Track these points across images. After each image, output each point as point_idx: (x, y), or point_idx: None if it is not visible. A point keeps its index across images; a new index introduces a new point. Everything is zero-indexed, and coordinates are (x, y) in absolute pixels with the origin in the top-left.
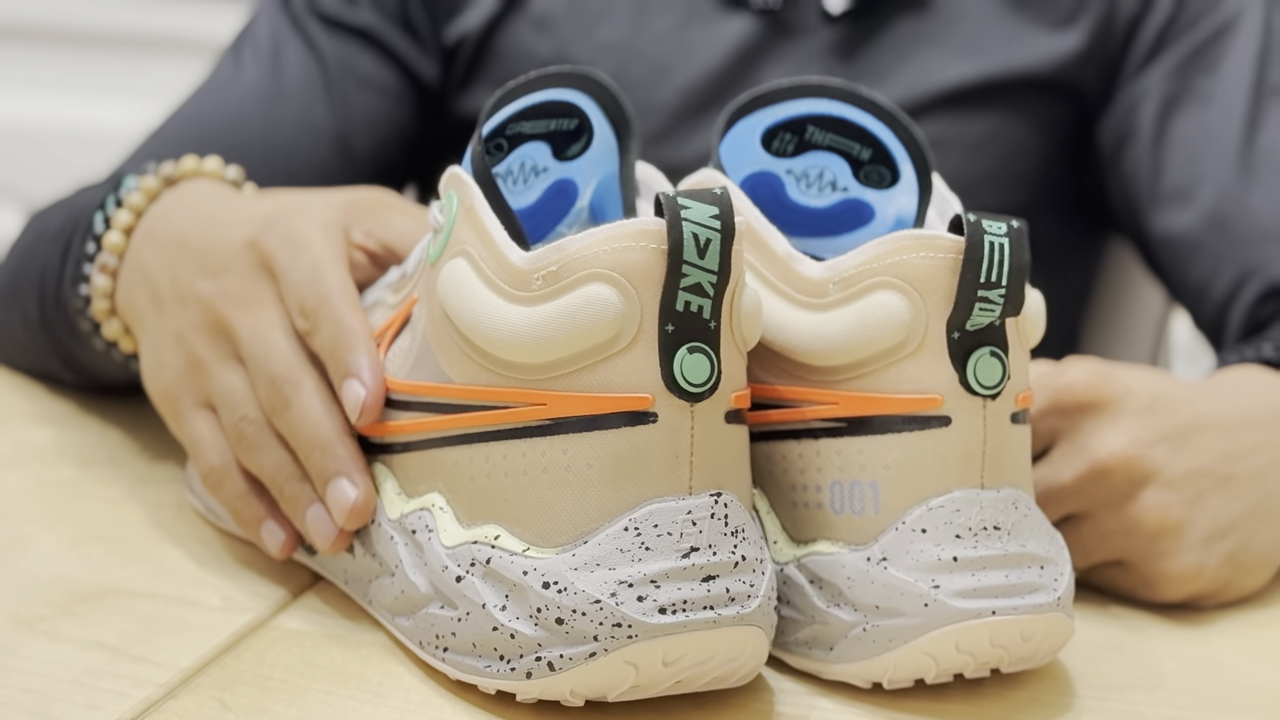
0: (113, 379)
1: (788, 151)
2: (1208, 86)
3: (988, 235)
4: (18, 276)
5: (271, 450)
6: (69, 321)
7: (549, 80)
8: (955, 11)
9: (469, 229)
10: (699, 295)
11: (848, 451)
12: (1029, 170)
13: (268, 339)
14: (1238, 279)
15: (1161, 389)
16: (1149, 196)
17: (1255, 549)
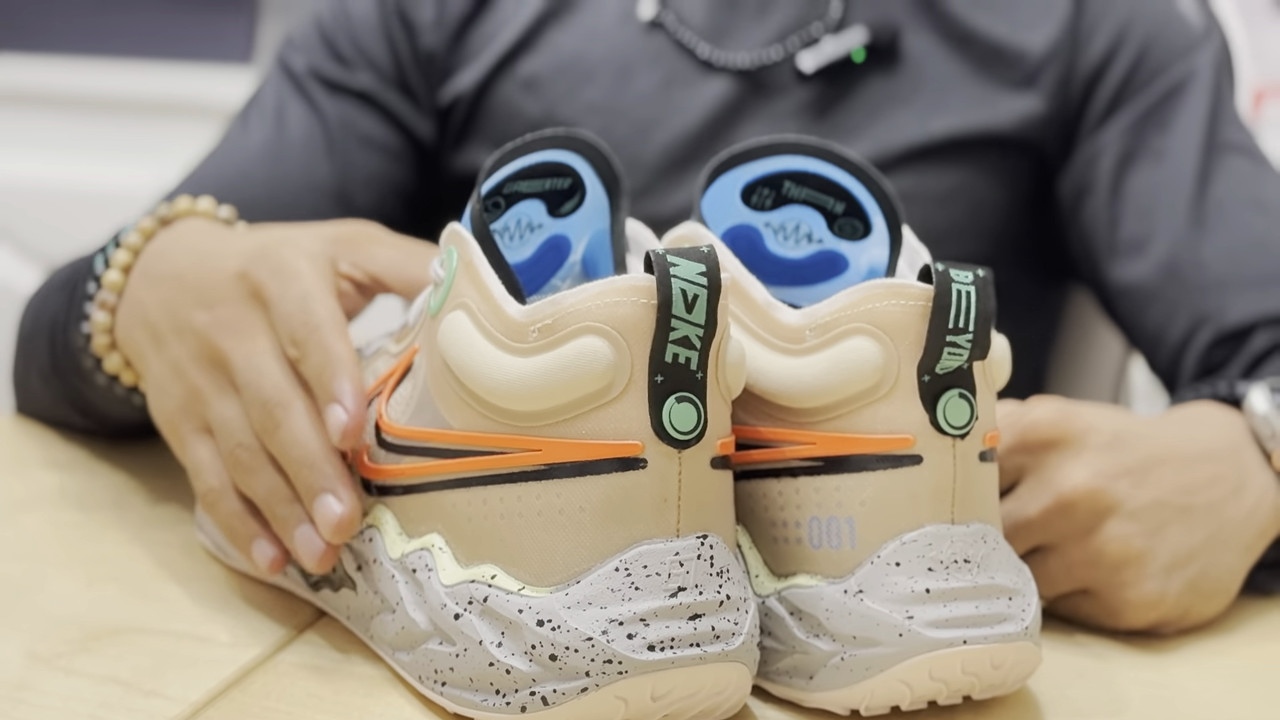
0: (120, 418)
1: (766, 205)
2: (1161, 143)
3: (955, 284)
4: (33, 328)
5: (264, 473)
6: (75, 361)
7: (544, 142)
8: (921, 73)
9: (468, 283)
10: (687, 348)
11: (825, 489)
12: (994, 223)
13: (260, 365)
14: (1191, 325)
15: (1122, 425)
16: (1106, 247)
17: (1213, 576)
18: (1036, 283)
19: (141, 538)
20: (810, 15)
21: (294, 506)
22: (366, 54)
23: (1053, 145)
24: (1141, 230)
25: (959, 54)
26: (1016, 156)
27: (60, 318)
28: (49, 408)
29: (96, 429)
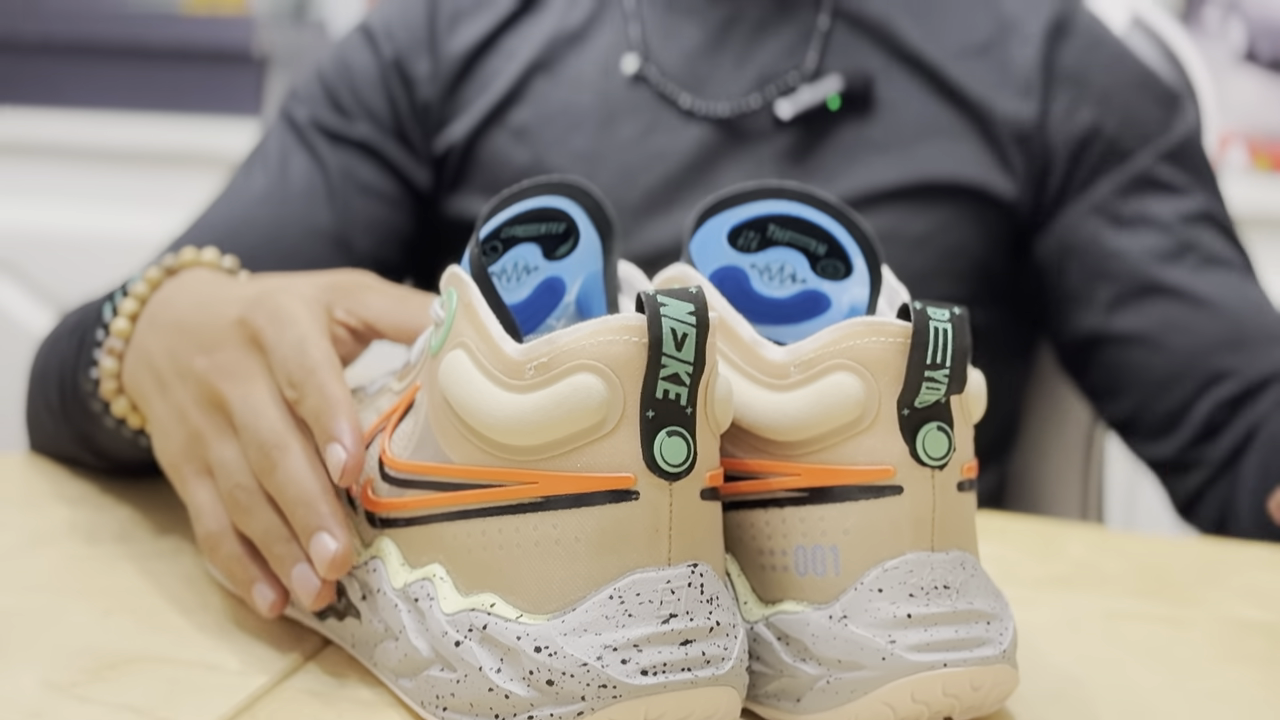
0: (128, 458)
1: (751, 248)
2: (1148, 208)
3: (932, 321)
4: (44, 370)
5: (262, 513)
6: (83, 404)
7: (539, 189)
8: (896, 119)
9: (467, 323)
10: (676, 384)
11: (810, 519)
12: (969, 266)
13: (257, 408)
14: (1203, 381)
15: None
16: (1095, 303)
17: None
18: (1011, 324)
19: (152, 569)
20: (787, 65)
21: (291, 545)
22: (366, 106)
23: (1027, 204)
24: (1135, 285)
25: (935, 102)
26: (990, 206)
27: (70, 362)
28: (60, 446)
29: (106, 467)
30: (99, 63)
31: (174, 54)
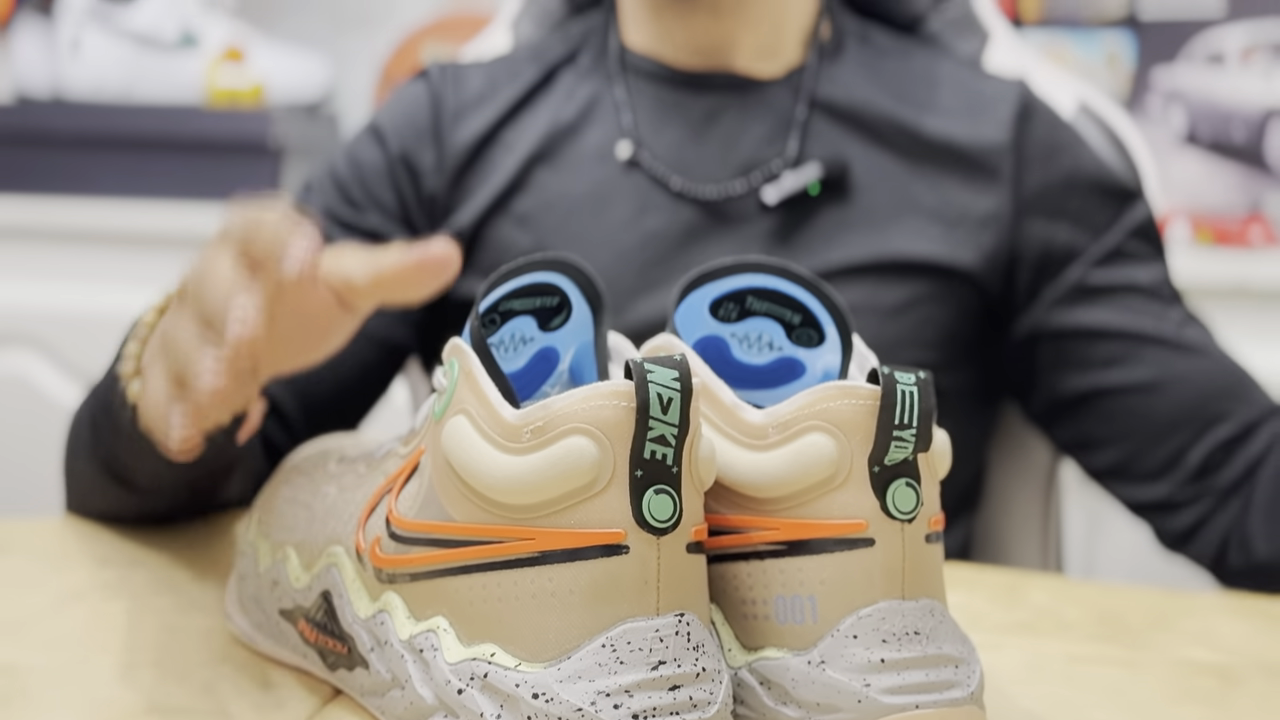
0: (152, 474)
1: (731, 318)
2: (1120, 280)
3: (899, 385)
4: (78, 416)
5: (187, 328)
6: (113, 417)
7: (535, 265)
8: (870, 202)
9: (468, 391)
10: (663, 445)
11: (789, 570)
12: (937, 335)
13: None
14: (1198, 428)
15: None
16: (1093, 364)
17: None
18: (976, 387)
19: (176, 625)
20: (771, 153)
21: (206, 344)
22: (375, 197)
23: (997, 283)
24: (1129, 340)
25: (908, 183)
26: (958, 282)
27: (101, 391)
28: (92, 489)
29: (131, 502)
30: (126, 154)
31: (196, 146)
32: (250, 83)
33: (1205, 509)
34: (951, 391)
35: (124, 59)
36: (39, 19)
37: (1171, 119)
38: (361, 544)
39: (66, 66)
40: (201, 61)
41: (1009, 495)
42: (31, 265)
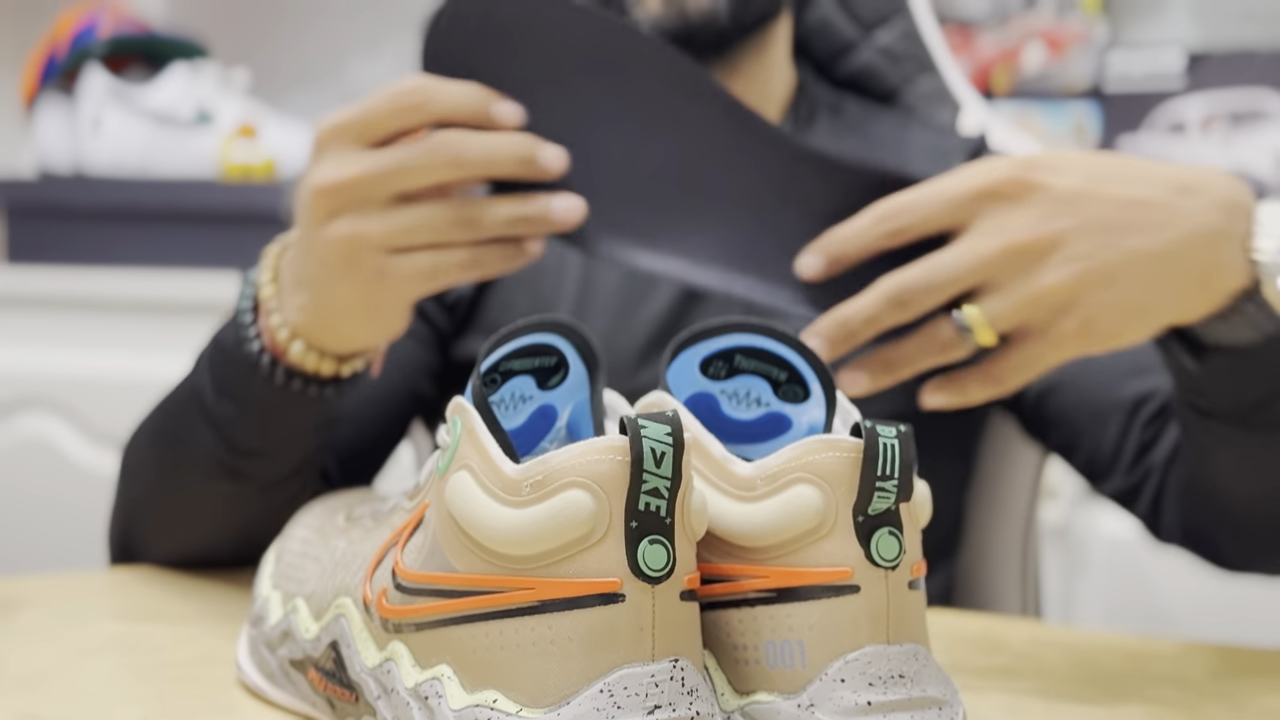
0: (300, 428)
1: (721, 376)
2: None
3: (881, 438)
4: (158, 425)
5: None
6: (246, 388)
7: (533, 327)
8: None
9: (470, 447)
10: (656, 497)
11: (778, 616)
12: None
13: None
14: (1129, 408)
15: (1082, 184)
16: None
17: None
18: (954, 431)
19: (190, 676)
20: None
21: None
22: None
23: None
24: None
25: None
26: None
27: (204, 381)
28: (194, 498)
29: (230, 513)
30: (144, 226)
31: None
32: (262, 158)
33: (1155, 485)
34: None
35: (142, 136)
36: (62, 98)
37: None
38: (369, 595)
39: (88, 143)
40: (216, 138)
41: (988, 543)
42: (54, 332)
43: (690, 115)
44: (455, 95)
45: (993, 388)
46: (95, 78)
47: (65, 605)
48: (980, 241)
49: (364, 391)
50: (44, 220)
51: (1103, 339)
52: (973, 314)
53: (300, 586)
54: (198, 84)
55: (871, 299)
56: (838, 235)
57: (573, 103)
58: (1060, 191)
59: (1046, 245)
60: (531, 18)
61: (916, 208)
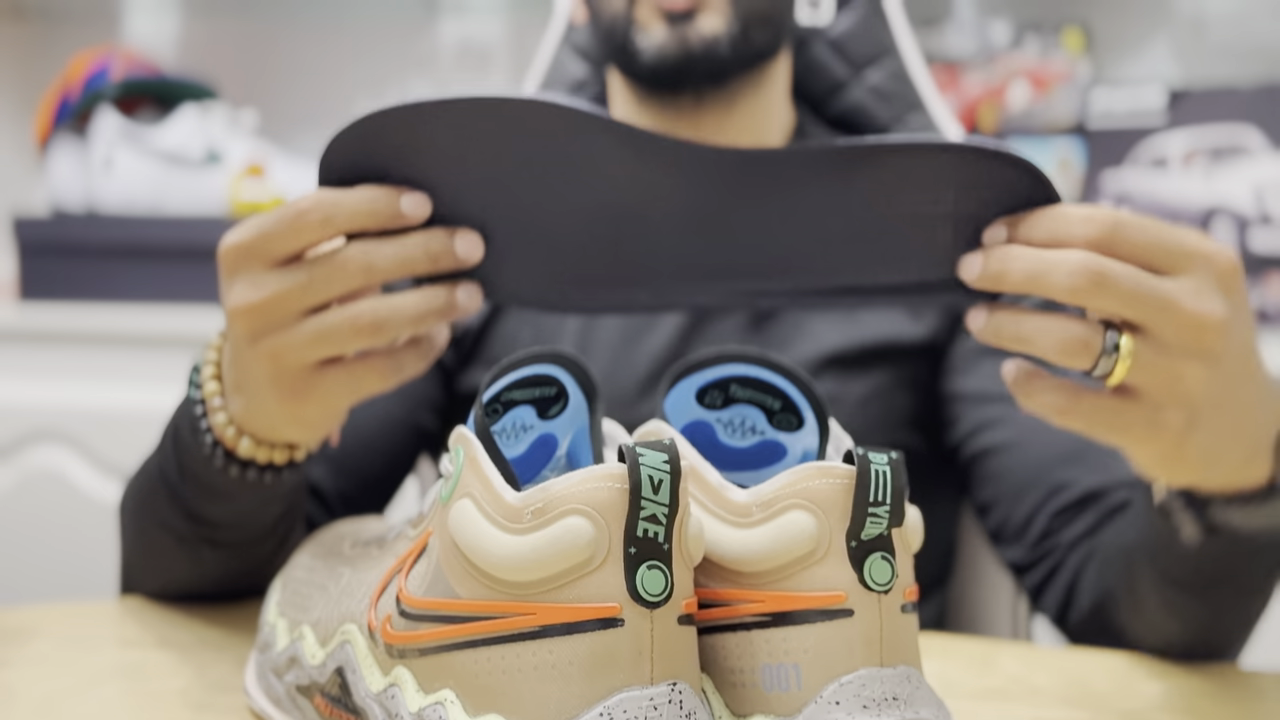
0: (260, 515)
1: (717, 405)
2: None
3: (873, 465)
4: (139, 494)
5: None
6: (203, 483)
7: (533, 358)
8: None
9: (473, 475)
10: (654, 524)
11: (774, 640)
12: (903, 419)
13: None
14: (1050, 489)
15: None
16: (969, 425)
17: (1231, 421)
18: (943, 462)
19: (199, 702)
20: None
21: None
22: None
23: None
24: (1001, 401)
25: None
26: (918, 362)
27: (169, 461)
28: (175, 560)
29: (218, 569)
30: (155, 263)
31: None
32: (270, 196)
33: (1048, 569)
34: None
35: (153, 175)
36: (74, 139)
37: None
38: (373, 621)
39: (99, 182)
40: (225, 177)
41: (980, 569)
42: (66, 366)
43: (608, 155)
44: (358, 204)
45: (1069, 414)
46: (107, 119)
47: (75, 633)
48: (1191, 292)
49: (370, 427)
50: (57, 257)
51: (1187, 452)
52: (1127, 344)
53: (306, 613)
54: (207, 125)
55: (1074, 262)
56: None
57: (486, 177)
58: (1244, 308)
59: (1218, 343)
60: (422, 116)
61: (1151, 231)
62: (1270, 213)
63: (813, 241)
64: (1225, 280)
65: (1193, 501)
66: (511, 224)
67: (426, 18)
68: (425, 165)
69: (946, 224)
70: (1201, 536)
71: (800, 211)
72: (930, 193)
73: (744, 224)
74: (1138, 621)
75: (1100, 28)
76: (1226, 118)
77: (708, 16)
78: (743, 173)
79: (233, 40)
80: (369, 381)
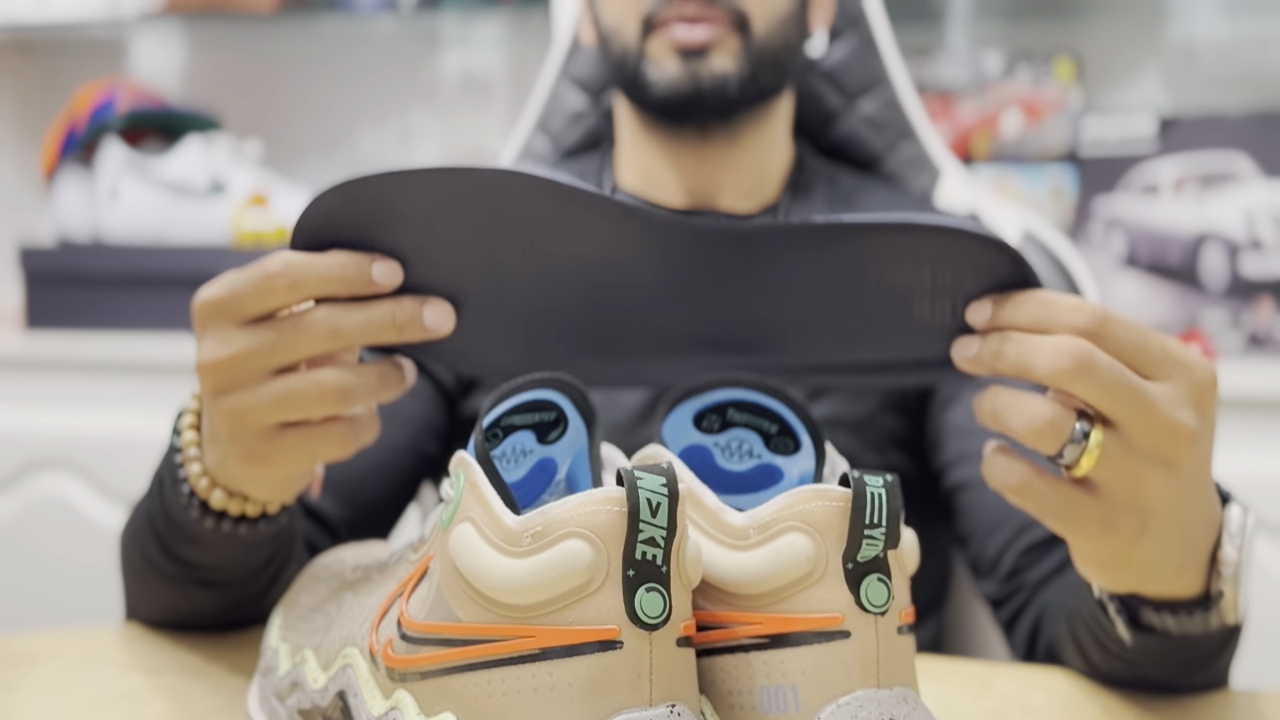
0: (235, 564)
1: (714, 429)
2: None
3: (869, 487)
4: (133, 533)
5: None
6: (183, 530)
7: (533, 383)
8: None
9: (473, 500)
10: (653, 546)
11: (772, 662)
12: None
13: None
14: (1018, 526)
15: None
16: (953, 455)
17: (1180, 532)
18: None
19: None
20: None
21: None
22: None
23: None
24: (975, 448)
25: None
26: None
27: (156, 504)
28: (165, 596)
29: (211, 609)
30: (160, 292)
31: None
32: (274, 225)
33: (1016, 606)
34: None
35: (158, 205)
36: (80, 170)
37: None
38: (375, 645)
39: (105, 212)
40: (229, 206)
41: (975, 594)
42: (73, 395)
43: (583, 227)
44: (327, 269)
45: (1024, 493)
46: (113, 150)
47: (79, 659)
48: (1166, 398)
49: (374, 454)
50: (62, 286)
51: (1133, 558)
52: (1097, 436)
53: (308, 638)
54: (211, 155)
55: (1061, 344)
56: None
57: (460, 247)
58: (1211, 424)
59: (1185, 453)
60: (397, 185)
61: (1137, 331)
62: (1260, 238)
63: (790, 316)
64: (1201, 392)
65: (1126, 605)
66: (484, 295)
67: (428, 50)
68: (399, 233)
69: (924, 301)
70: (1134, 636)
71: (777, 286)
72: (907, 270)
73: (722, 298)
74: (1094, 674)
75: (1091, 57)
76: (1216, 145)
77: (720, 56)
78: (720, 247)
79: (237, 72)
80: (326, 448)
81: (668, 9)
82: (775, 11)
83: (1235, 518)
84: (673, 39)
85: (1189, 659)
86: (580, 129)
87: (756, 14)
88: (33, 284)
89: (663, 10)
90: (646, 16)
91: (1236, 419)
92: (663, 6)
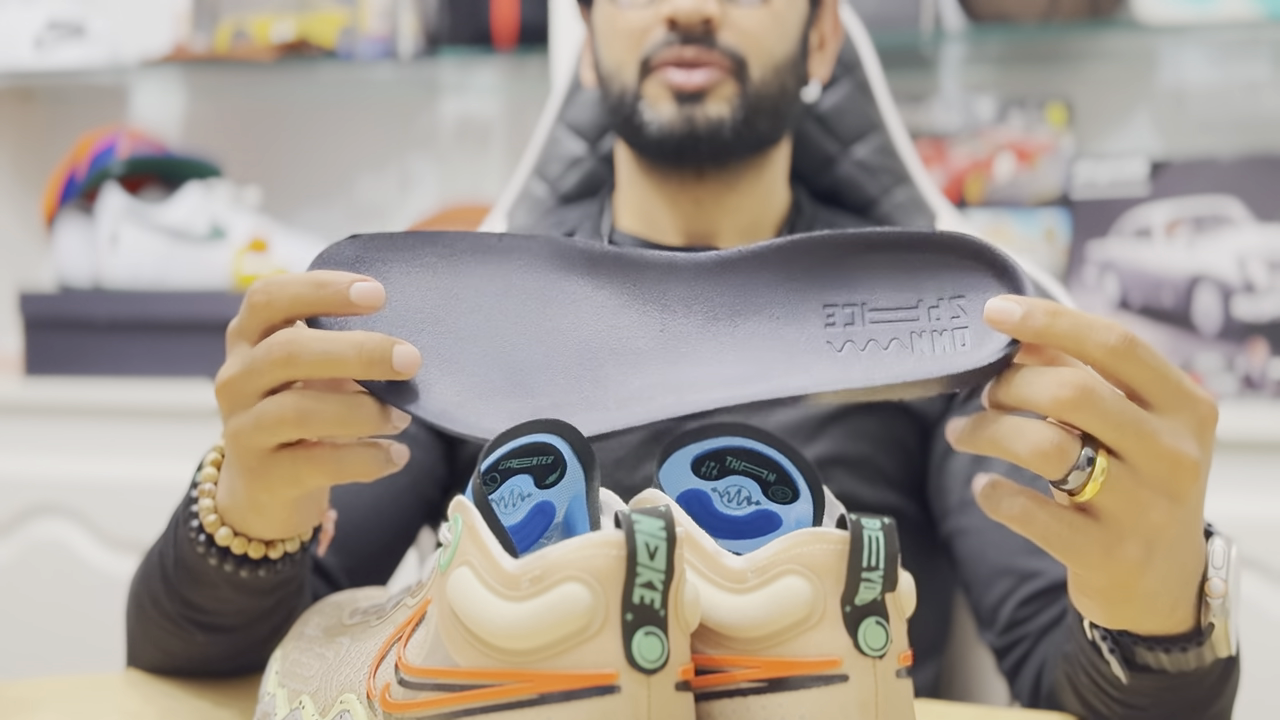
0: (237, 610)
1: (712, 475)
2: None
3: (866, 531)
4: (142, 576)
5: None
6: (189, 568)
7: (531, 427)
8: None
9: (471, 544)
10: (651, 590)
11: (770, 705)
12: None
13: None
14: (1018, 578)
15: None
16: (957, 501)
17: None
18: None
19: None
20: None
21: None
22: None
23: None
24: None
25: None
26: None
27: (169, 543)
28: (170, 638)
29: (212, 650)
30: (160, 337)
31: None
32: (273, 270)
33: (1019, 656)
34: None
35: (158, 251)
36: (81, 216)
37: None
38: (372, 690)
39: (106, 258)
40: (229, 252)
41: (976, 636)
42: (73, 440)
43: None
44: (300, 285)
45: (1030, 521)
46: (113, 196)
47: (78, 706)
48: (1170, 430)
49: (373, 501)
50: (63, 332)
51: (1136, 590)
52: (1102, 463)
53: (306, 683)
54: (211, 201)
55: (1063, 375)
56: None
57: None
58: (1209, 459)
59: (1188, 485)
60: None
61: (1158, 359)
62: (1253, 281)
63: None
64: (1204, 427)
65: (1119, 643)
66: (477, 357)
67: (427, 97)
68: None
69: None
70: (1130, 675)
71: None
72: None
73: (699, 345)
74: (1095, 718)
75: (1082, 102)
76: (1208, 189)
77: (715, 102)
78: (700, 294)
79: (237, 119)
80: (308, 473)
81: (666, 52)
82: (773, 58)
83: (1219, 550)
84: (669, 82)
85: (1188, 700)
86: (577, 175)
87: (754, 60)
88: (32, 329)
89: (661, 53)
90: (645, 59)
91: (1230, 461)
92: (661, 49)
